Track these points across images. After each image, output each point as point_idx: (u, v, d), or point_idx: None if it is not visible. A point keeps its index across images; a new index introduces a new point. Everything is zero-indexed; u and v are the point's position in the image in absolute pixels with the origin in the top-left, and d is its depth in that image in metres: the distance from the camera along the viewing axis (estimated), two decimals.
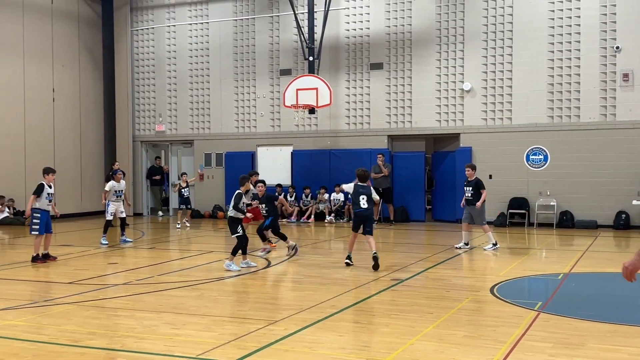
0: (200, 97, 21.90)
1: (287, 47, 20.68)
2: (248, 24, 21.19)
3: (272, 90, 20.87)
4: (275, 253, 12.76)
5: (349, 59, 19.96)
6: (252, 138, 21.13)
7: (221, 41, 21.51)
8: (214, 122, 21.70)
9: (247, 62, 21.19)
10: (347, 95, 19.98)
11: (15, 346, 6.16)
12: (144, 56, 22.74)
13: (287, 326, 6.85)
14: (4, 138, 19.39)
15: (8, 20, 19.56)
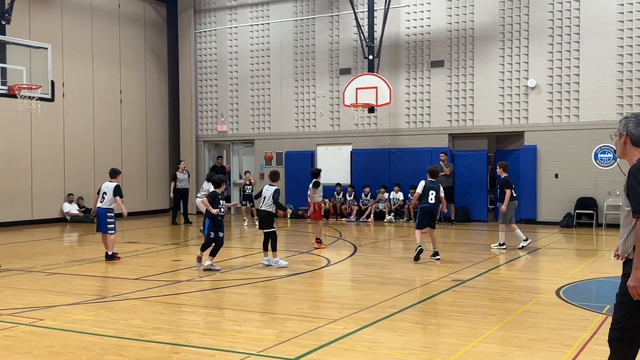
0: (260, 97, 22.16)
1: (347, 46, 20.68)
2: (308, 24, 21.30)
3: (332, 90, 20.90)
4: (334, 252, 12.78)
5: (409, 57, 19.78)
6: (312, 137, 21.22)
7: (281, 41, 21.71)
8: (274, 122, 21.92)
9: (307, 62, 21.30)
10: (407, 94, 19.81)
11: (84, 340, 6.39)
12: (206, 57, 23.19)
13: (346, 325, 6.85)
14: (75, 138, 20.16)
15: (79, 24, 20.33)
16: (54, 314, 7.55)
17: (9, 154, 18.26)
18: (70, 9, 20.09)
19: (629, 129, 4.05)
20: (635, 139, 4.02)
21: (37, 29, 18.57)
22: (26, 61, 14.19)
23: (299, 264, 11.56)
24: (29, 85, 13.71)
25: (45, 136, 19.18)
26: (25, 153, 18.77)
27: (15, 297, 8.58)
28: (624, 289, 3.89)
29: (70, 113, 19.97)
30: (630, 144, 4.05)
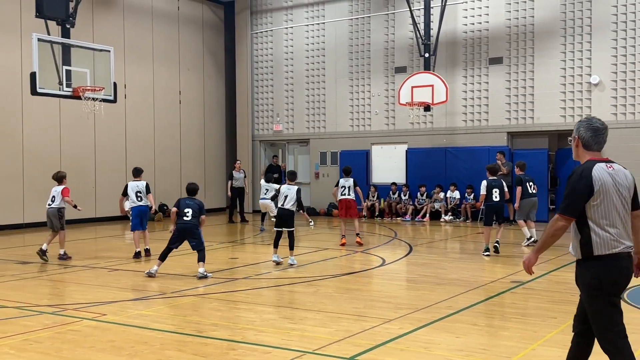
0: (315, 97, 22.25)
1: (403, 45, 20.52)
2: (363, 23, 21.25)
3: (387, 89, 20.80)
4: (389, 252, 12.72)
5: (467, 54, 19.47)
6: (367, 136, 21.17)
7: (337, 41, 21.73)
8: (329, 121, 21.97)
9: (362, 61, 21.25)
10: (464, 92, 19.51)
11: (144, 335, 6.57)
12: (262, 58, 23.44)
13: (402, 325, 6.80)
14: (136, 138, 20.72)
15: (139, 27, 20.88)
16: (116, 309, 7.78)
17: (74, 154, 18.92)
18: (131, 12, 20.67)
19: (580, 133, 4.26)
20: (585, 142, 4.23)
21: (100, 33, 19.18)
22: (90, 64, 14.65)
23: (353, 263, 11.56)
24: (92, 87, 14.16)
25: (107, 136, 19.79)
26: (89, 153, 19.42)
27: (79, 293, 8.89)
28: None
29: (132, 114, 20.54)
30: (582, 147, 4.25)
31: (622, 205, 4.12)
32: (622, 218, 4.10)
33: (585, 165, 4.14)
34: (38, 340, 6.36)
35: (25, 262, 11.67)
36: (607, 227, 4.05)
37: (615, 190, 4.09)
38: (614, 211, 4.07)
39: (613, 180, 4.09)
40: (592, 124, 4.24)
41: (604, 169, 4.10)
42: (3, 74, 17.08)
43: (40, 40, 13.37)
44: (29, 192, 17.79)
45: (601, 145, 4.25)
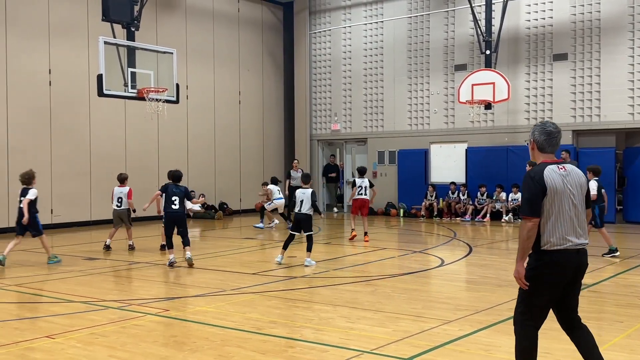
0: (374, 96, 22.18)
1: (463, 42, 20.22)
2: (422, 21, 21.04)
3: (446, 87, 20.53)
4: (448, 252, 12.57)
5: (529, 50, 19.01)
6: (425, 135, 20.96)
7: (395, 39, 21.60)
8: (387, 120, 21.87)
9: (421, 59, 21.05)
10: (526, 89, 19.06)
11: (205, 331, 6.71)
12: (321, 58, 23.53)
13: (461, 327, 6.71)
14: (197, 138, 21.17)
15: (201, 29, 21.32)
16: (179, 305, 7.98)
17: (139, 154, 19.49)
18: (193, 14, 21.12)
19: (535, 136, 4.60)
20: (540, 145, 4.57)
21: (164, 35, 19.68)
22: (153, 65, 15.07)
23: (412, 263, 11.48)
24: (156, 89, 14.55)
25: (170, 136, 20.29)
26: (153, 152, 19.96)
27: (144, 289, 9.16)
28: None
29: (193, 114, 20.99)
30: (537, 150, 4.59)
31: (574, 204, 4.43)
32: (571, 216, 4.41)
33: (536, 168, 4.48)
34: (104, 334, 6.60)
35: (92, 258, 12.11)
36: (555, 225, 4.37)
37: (567, 191, 4.41)
38: (563, 210, 4.39)
39: (563, 181, 4.42)
40: (546, 127, 4.57)
41: (555, 171, 4.43)
42: (71, 77, 17.74)
43: (106, 43, 13.84)
44: (95, 190, 18.43)
45: (554, 148, 4.57)
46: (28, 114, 16.88)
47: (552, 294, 4.43)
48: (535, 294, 4.42)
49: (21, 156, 16.73)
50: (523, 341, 4.49)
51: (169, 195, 10.61)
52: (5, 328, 6.87)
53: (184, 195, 10.73)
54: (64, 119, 17.62)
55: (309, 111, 23.69)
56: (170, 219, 10.70)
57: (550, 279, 4.39)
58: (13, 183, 16.63)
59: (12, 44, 16.53)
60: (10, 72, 16.52)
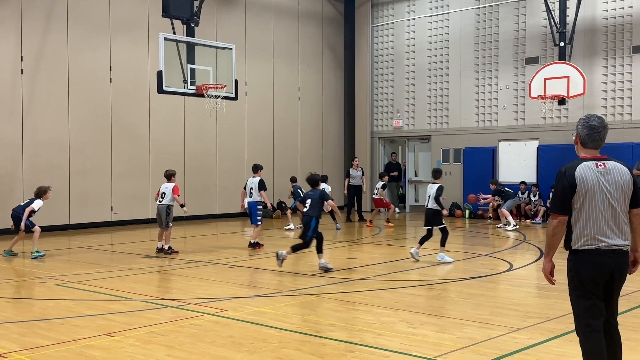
0: (438, 91, 21.91)
1: (534, 34, 19.71)
2: (492, 12, 20.64)
3: (517, 81, 20.07)
4: (518, 256, 12.28)
5: (607, 42, 18.36)
6: (493, 132, 20.55)
7: (462, 31, 21.27)
8: (452, 117, 21.56)
9: (489, 52, 20.65)
10: (603, 83, 18.42)
11: (263, 332, 6.78)
12: (383, 52, 23.41)
13: (531, 335, 6.55)
14: (256, 135, 21.42)
15: (260, 24, 21.56)
16: (236, 305, 8.10)
17: (198, 151, 19.89)
18: (253, 9, 21.38)
19: (578, 130, 4.57)
20: (582, 140, 4.53)
21: (223, 30, 20.00)
22: (212, 61, 15.33)
23: (478, 267, 11.28)
24: (215, 85, 14.80)
25: (229, 133, 20.62)
26: (212, 150, 20.33)
27: (201, 288, 9.34)
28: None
29: (252, 111, 21.26)
30: (580, 145, 4.56)
31: (609, 204, 4.36)
32: (605, 216, 4.35)
33: (570, 164, 4.45)
34: (162, 333, 6.76)
35: (150, 256, 12.44)
36: (586, 224, 4.36)
37: (602, 189, 4.35)
38: (595, 209, 4.35)
39: (599, 179, 4.37)
40: (590, 122, 4.52)
41: (591, 168, 4.40)
42: (132, 74, 18.27)
43: (166, 40, 14.17)
44: (155, 188, 18.77)
45: (598, 143, 4.51)
46: (89, 111, 17.48)
47: (594, 292, 4.41)
48: (580, 295, 4.44)
49: (82, 153, 17.35)
50: (587, 347, 4.45)
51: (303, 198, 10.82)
52: (65, 325, 7.14)
53: (319, 197, 10.55)
54: (124, 116, 18.16)
55: (370, 107, 23.62)
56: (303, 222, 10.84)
57: (587, 278, 4.39)
58: (74, 179, 17.28)
59: (73, 41, 17.14)
60: (72, 70, 17.14)
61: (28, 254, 12.45)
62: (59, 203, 16.88)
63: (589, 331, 4.43)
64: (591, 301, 4.42)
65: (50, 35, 16.75)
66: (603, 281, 4.41)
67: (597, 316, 4.44)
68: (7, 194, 15.97)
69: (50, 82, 16.79)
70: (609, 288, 4.46)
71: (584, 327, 4.45)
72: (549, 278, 4.61)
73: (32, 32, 16.36)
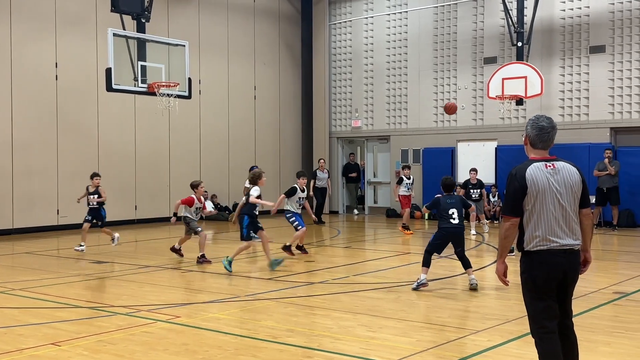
0: (397, 91, 22.11)
1: (493, 33, 20.08)
2: (450, 11, 20.93)
3: (475, 81, 20.40)
4: (476, 257, 12.48)
5: (564, 42, 18.82)
6: (452, 133, 20.85)
7: (420, 30, 21.51)
8: (411, 117, 21.78)
9: (448, 52, 20.94)
10: (561, 84, 18.88)
11: (218, 339, 6.73)
12: (341, 50, 23.51)
13: (491, 337, 6.67)
14: (210, 135, 21.26)
15: (214, 21, 21.41)
16: (190, 311, 8.02)
17: (149, 151, 19.62)
18: (207, 5, 21.21)
19: (527, 131, 4.64)
20: (532, 140, 4.61)
21: (175, 27, 19.78)
22: (165, 59, 15.16)
23: (437, 269, 11.41)
24: (167, 83, 14.65)
25: (182, 133, 20.41)
26: (164, 150, 20.09)
27: (153, 294, 9.22)
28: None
29: (206, 110, 21.09)
30: (529, 145, 4.65)
31: (560, 204, 4.48)
32: (556, 216, 4.46)
33: (520, 165, 4.54)
34: (112, 341, 6.65)
35: (100, 261, 12.21)
36: (537, 224, 4.46)
37: (552, 189, 4.46)
38: (546, 209, 4.46)
39: (549, 180, 4.47)
40: (539, 122, 4.59)
41: (540, 169, 4.50)
42: (79, 70, 17.91)
43: (115, 35, 13.95)
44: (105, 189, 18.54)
45: (547, 144, 4.59)
46: (34, 109, 17.08)
47: (547, 293, 4.51)
48: (534, 297, 4.54)
49: (26, 154, 16.93)
50: (543, 348, 4.55)
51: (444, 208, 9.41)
52: (9, 334, 6.96)
53: (462, 205, 9.50)
54: (71, 114, 17.80)
55: (328, 107, 23.68)
56: (446, 235, 9.50)
57: (541, 280, 4.49)
58: (17, 181, 16.85)
59: (16, 35, 16.73)
60: (15, 65, 16.72)
61: None
62: (1, 206, 16.46)
63: (544, 332, 4.53)
64: (545, 302, 4.52)
65: None
66: (556, 282, 4.52)
67: (551, 317, 4.54)
68: None
69: None
70: (562, 288, 4.56)
71: (539, 329, 4.55)
72: (502, 279, 4.71)
73: None
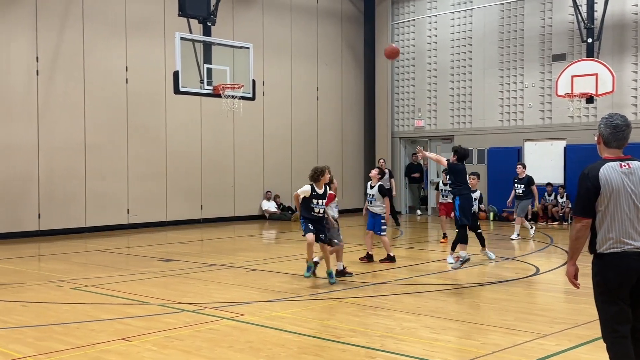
0: (461, 90, 21.80)
1: (561, 30, 19.55)
2: (516, 7, 20.50)
3: (543, 79, 19.91)
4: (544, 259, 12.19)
5: (637, 38, 18.15)
6: (519, 132, 20.41)
7: (485, 28, 21.15)
8: (475, 116, 21.45)
9: (514, 49, 20.51)
10: (633, 81, 18.21)
11: (282, 337, 6.80)
12: (403, 50, 23.34)
13: (559, 341, 6.50)
14: (273, 136, 21.49)
15: (278, 23, 21.63)
16: (254, 309, 8.13)
17: (214, 152, 19.99)
18: (270, 7, 21.45)
19: (600, 129, 4.50)
20: (605, 139, 4.47)
21: (240, 29, 20.08)
22: (229, 61, 15.40)
23: (503, 270, 11.21)
24: (232, 85, 14.88)
25: (246, 134, 20.70)
26: (229, 151, 20.42)
27: (219, 292, 9.39)
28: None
29: (270, 111, 21.33)
30: (603, 144, 4.50)
31: (635, 205, 4.34)
32: (630, 217, 4.33)
33: (593, 165, 4.41)
34: (179, 337, 6.81)
35: (168, 259, 12.53)
36: (611, 226, 4.34)
37: (627, 190, 4.33)
38: (620, 210, 4.32)
39: (623, 180, 4.34)
40: (613, 120, 4.44)
41: (615, 169, 4.35)
42: (147, 74, 18.41)
43: (183, 39, 14.27)
44: (171, 190, 19.06)
45: (621, 143, 4.44)
46: (105, 112, 17.65)
47: (620, 297, 4.38)
48: (606, 301, 4.43)
49: (98, 155, 17.52)
50: (615, 353, 4.42)
51: (464, 175, 11.29)
52: (81, 329, 7.22)
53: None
54: (140, 117, 18.31)
55: (391, 107, 23.57)
56: (470, 200, 11.29)
57: (613, 283, 4.37)
58: (90, 182, 17.45)
59: (89, 41, 17.32)
60: (87, 70, 17.32)
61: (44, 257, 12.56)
62: (75, 206, 17.08)
63: (615, 337, 4.40)
64: (618, 306, 4.39)
65: (65, 35, 16.95)
66: (629, 285, 4.38)
67: (624, 322, 4.40)
68: (22, 197, 16.20)
69: (66, 83, 16.99)
70: (635, 292, 4.41)
71: (611, 333, 4.43)
72: (573, 282, 4.61)
73: (47, 33, 16.56)
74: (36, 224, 16.40)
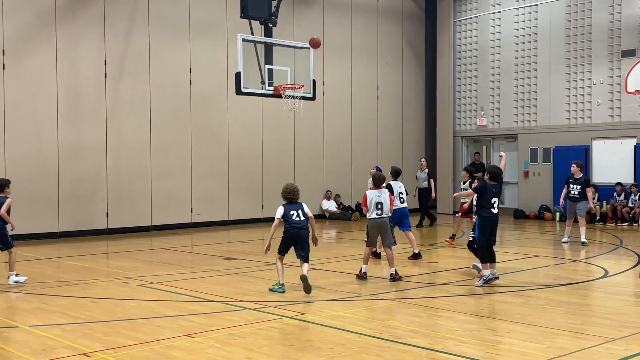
0: (525, 87, 21.34)
1: (631, 24, 18.88)
2: (584, 2, 19.91)
3: (612, 75, 19.28)
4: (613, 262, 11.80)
5: None
6: (586, 130, 19.82)
7: (551, 24, 20.63)
8: (541, 114, 20.94)
9: (582, 45, 19.93)
10: None
11: (342, 337, 6.81)
12: (466, 47, 23.03)
13: (628, 346, 6.29)
14: (333, 136, 21.54)
15: (339, 23, 21.65)
16: (315, 308, 8.17)
17: (275, 152, 20.19)
18: (331, 7, 21.51)
19: None
20: None
21: (300, 30, 20.20)
22: (290, 62, 15.51)
23: (570, 273, 10.92)
24: (292, 85, 14.98)
25: (306, 134, 20.83)
26: (289, 151, 20.59)
27: None
28: None
29: (330, 111, 21.38)
30: None
31: None
32: None
33: None
34: (241, 335, 6.91)
35: (230, 258, 12.72)
36: None
37: None
38: None
39: None
40: None
41: None
42: (211, 75, 18.75)
43: (244, 41, 14.44)
44: (233, 190, 19.34)
45: None
46: (170, 113, 18.06)
47: None
48: None
49: (163, 156, 17.94)
50: None
51: (489, 196, 9.40)
52: (147, 325, 7.41)
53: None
54: (203, 117, 18.67)
55: (453, 105, 23.27)
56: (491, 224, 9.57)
57: None
58: (155, 180, 17.89)
59: (154, 44, 17.76)
60: (153, 72, 17.76)
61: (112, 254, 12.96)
62: (141, 205, 17.55)
63: None
64: None
65: (132, 39, 17.42)
66: None
67: None
68: (91, 196, 16.74)
69: (133, 85, 17.47)
70: None
71: None
72: None
73: (114, 37, 17.07)
74: (105, 222, 16.92)
